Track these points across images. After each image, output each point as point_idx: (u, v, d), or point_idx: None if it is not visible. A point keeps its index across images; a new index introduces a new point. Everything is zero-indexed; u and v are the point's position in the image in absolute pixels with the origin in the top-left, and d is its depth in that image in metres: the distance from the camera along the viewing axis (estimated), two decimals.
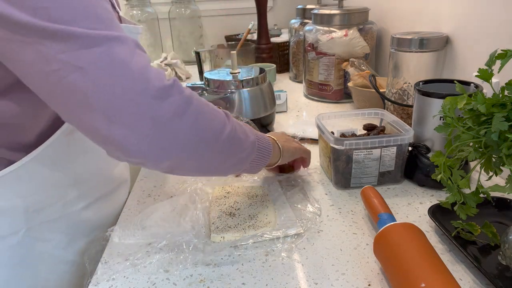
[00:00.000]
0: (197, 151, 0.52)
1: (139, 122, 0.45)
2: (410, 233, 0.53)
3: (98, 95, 0.44)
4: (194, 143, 0.51)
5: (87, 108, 0.45)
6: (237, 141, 0.57)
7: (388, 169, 0.75)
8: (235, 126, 0.57)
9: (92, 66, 0.43)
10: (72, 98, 0.45)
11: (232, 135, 0.55)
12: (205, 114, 0.52)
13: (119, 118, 0.45)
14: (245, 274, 0.56)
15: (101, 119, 0.45)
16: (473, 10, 0.85)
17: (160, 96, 0.46)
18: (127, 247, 0.62)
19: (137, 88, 0.45)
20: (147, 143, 0.46)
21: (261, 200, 0.72)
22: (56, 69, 0.43)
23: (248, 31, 1.47)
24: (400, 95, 0.98)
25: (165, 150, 0.49)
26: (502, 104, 0.54)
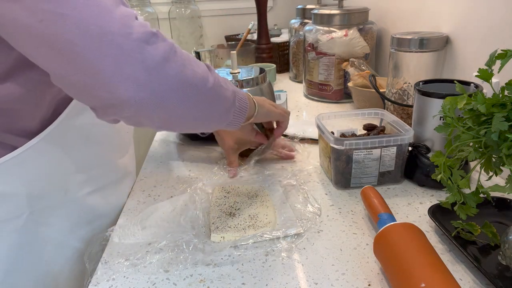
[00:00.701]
0: (187, 97, 0.52)
1: (128, 66, 0.45)
2: (410, 233, 0.53)
3: (83, 41, 0.43)
4: (184, 87, 0.51)
5: (72, 58, 0.44)
6: (221, 90, 0.57)
7: (388, 169, 0.75)
8: (217, 77, 0.57)
9: (75, 12, 0.42)
10: (56, 50, 0.44)
11: (217, 83, 0.56)
12: (190, 61, 0.52)
13: (107, 64, 0.44)
14: (245, 274, 0.56)
15: (88, 67, 0.44)
16: (473, 10, 0.85)
17: (146, 40, 0.46)
18: (127, 247, 0.62)
19: (122, 32, 0.44)
20: (138, 86, 0.46)
21: (261, 200, 0.72)
22: (40, 20, 0.42)
23: (248, 31, 1.47)
24: (400, 95, 0.98)
25: (157, 94, 0.48)
26: (502, 104, 0.54)
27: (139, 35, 0.45)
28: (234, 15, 2.09)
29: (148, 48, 0.46)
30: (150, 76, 0.46)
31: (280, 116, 0.79)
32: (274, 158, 0.90)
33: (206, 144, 0.99)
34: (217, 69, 1.07)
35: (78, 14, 0.43)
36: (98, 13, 0.43)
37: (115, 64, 0.44)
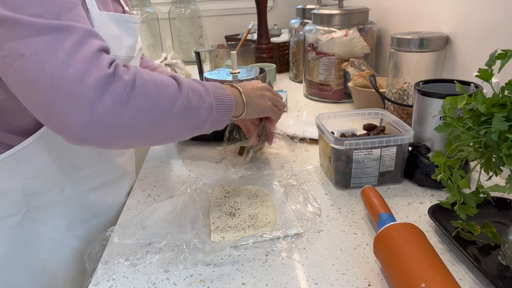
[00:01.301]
0: (147, 129, 0.54)
1: (79, 112, 0.47)
2: (410, 233, 0.53)
3: (39, 84, 0.46)
4: (141, 124, 0.52)
5: (32, 96, 0.47)
6: (191, 109, 0.58)
7: (388, 169, 0.75)
8: (188, 95, 0.57)
9: (34, 55, 0.45)
10: (20, 84, 0.47)
11: (185, 105, 0.56)
12: (150, 94, 0.52)
13: (60, 108, 0.46)
14: (245, 274, 0.56)
15: (45, 108, 0.47)
16: (473, 10, 0.85)
17: (99, 85, 0.47)
18: (127, 247, 0.62)
19: (75, 77, 0.46)
20: (89, 131, 0.48)
21: (261, 200, 0.72)
22: (4, 56, 0.46)
23: (248, 31, 1.47)
24: (400, 95, 0.98)
25: (111, 135, 0.50)
26: (502, 104, 0.54)
27: (93, 80, 0.47)
28: (234, 15, 2.09)
29: (101, 93, 0.47)
30: (101, 121, 0.48)
31: (271, 111, 0.78)
32: (271, 154, 0.90)
33: (206, 144, 0.99)
34: (217, 69, 1.07)
35: (35, 57, 0.45)
36: (53, 58, 0.46)
37: (65, 109, 0.47)
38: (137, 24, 0.72)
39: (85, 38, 0.48)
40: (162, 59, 1.71)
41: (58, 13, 0.47)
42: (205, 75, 1.01)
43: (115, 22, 0.65)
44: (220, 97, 0.64)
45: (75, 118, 0.47)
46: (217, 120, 0.64)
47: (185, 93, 0.57)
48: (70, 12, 0.49)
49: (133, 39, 0.70)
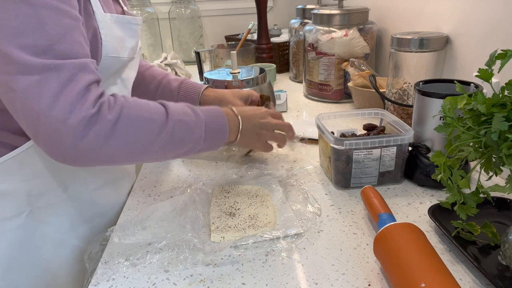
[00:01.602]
0: (127, 159, 0.59)
1: (61, 147, 0.51)
2: (410, 233, 0.53)
3: (27, 118, 0.51)
4: (121, 156, 0.57)
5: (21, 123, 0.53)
6: (175, 142, 0.60)
7: (388, 169, 0.75)
8: (173, 129, 0.59)
9: (24, 91, 0.49)
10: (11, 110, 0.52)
11: (167, 139, 0.59)
12: (132, 131, 0.56)
13: (44, 141, 0.52)
14: (245, 274, 0.56)
15: (32, 136, 0.53)
16: (473, 10, 0.85)
17: (82, 125, 0.51)
18: (127, 247, 0.62)
19: (59, 118, 0.50)
20: (70, 160, 0.54)
21: (261, 200, 0.72)
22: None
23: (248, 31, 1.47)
24: (400, 95, 0.98)
25: (91, 163, 0.56)
26: (502, 104, 0.54)
27: (76, 121, 0.50)
28: (234, 15, 2.09)
29: (84, 132, 0.51)
30: (81, 155, 0.53)
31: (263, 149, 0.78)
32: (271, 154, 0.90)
33: None
34: (217, 69, 1.07)
35: (25, 94, 0.49)
36: (40, 98, 0.49)
37: (49, 142, 0.52)
38: (138, 25, 0.73)
39: (73, 76, 0.51)
40: (162, 59, 1.71)
41: (50, 45, 0.50)
42: (205, 75, 1.01)
43: (118, 23, 0.66)
44: (212, 128, 0.65)
45: (57, 151, 0.52)
46: (206, 148, 0.66)
47: (170, 127, 0.59)
48: (63, 41, 0.51)
49: (135, 40, 0.71)
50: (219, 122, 0.67)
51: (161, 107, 0.60)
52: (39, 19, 0.49)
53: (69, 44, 0.52)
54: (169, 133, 0.59)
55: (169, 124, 0.59)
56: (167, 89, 0.88)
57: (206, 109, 0.66)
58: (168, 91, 0.87)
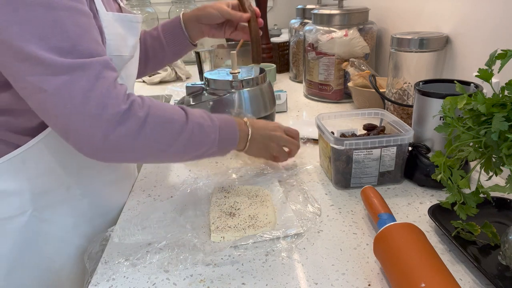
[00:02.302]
0: (150, 157, 0.62)
1: (93, 140, 0.54)
2: (410, 233, 0.53)
3: (58, 117, 0.53)
4: (146, 153, 0.60)
5: (50, 121, 0.55)
6: (193, 144, 0.64)
7: (388, 169, 0.75)
8: (193, 129, 0.63)
9: (55, 91, 0.51)
10: (40, 111, 0.54)
11: (187, 138, 0.62)
12: (159, 129, 0.59)
13: (75, 136, 0.54)
14: (245, 274, 0.56)
15: (62, 132, 0.55)
16: (474, 10, 0.85)
17: (115, 120, 0.54)
18: (127, 247, 0.62)
19: (92, 114, 0.52)
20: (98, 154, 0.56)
21: (261, 200, 0.72)
22: (23, 87, 0.52)
23: None
24: (400, 95, 0.98)
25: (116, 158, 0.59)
26: (502, 104, 0.54)
27: (110, 116, 0.53)
28: None
29: (115, 127, 0.54)
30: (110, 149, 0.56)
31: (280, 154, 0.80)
32: None
33: None
34: (217, 69, 1.07)
35: (55, 93, 0.51)
36: (72, 97, 0.51)
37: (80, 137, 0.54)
38: (139, 23, 0.73)
39: (100, 73, 0.53)
40: None
41: (74, 45, 0.52)
42: (205, 75, 1.01)
43: (120, 22, 0.66)
44: (225, 134, 0.68)
45: (88, 145, 0.55)
46: (217, 152, 0.69)
47: (190, 128, 0.62)
48: (84, 40, 0.53)
49: (136, 39, 0.71)
50: (231, 129, 0.70)
51: (180, 110, 0.63)
52: (60, 21, 0.51)
53: (89, 43, 0.54)
54: (189, 134, 0.62)
55: (189, 125, 0.62)
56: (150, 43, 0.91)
57: (220, 116, 0.69)
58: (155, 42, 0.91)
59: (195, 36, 0.92)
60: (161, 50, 0.92)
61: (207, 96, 0.98)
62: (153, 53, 0.92)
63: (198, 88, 1.03)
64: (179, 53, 0.95)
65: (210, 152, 0.67)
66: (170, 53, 0.93)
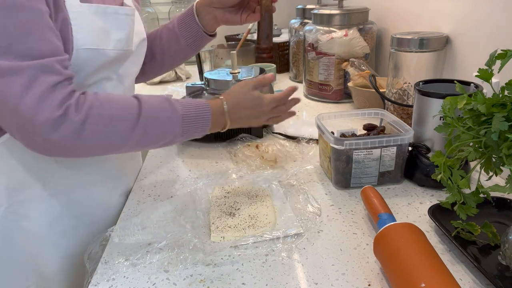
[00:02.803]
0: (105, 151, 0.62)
1: (33, 141, 0.55)
2: (410, 233, 0.53)
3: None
4: (98, 150, 0.60)
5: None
6: (150, 137, 0.62)
7: (388, 169, 0.75)
8: (147, 125, 0.60)
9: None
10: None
11: (141, 133, 0.60)
12: (103, 128, 0.57)
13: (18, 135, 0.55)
14: (245, 274, 0.56)
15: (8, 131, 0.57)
16: (473, 10, 0.85)
17: (48, 126, 0.53)
18: (127, 247, 0.62)
19: (27, 117, 0.52)
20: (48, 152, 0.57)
21: (261, 200, 0.72)
22: None
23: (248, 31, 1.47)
24: (400, 95, 0.98)
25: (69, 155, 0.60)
26: (502, 104, 0.54)
27: (42, 121, 0.52)
28: None
29: (51, 132, 0.53)
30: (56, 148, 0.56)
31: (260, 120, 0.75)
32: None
33: (206, 143, 0.99)
34: (217, 69, 1.07)
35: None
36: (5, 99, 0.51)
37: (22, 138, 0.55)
38: (129, 15, 0.69)
39: (35, 78, 0.52)
40: None
41: (10, 46, 0.50)
42: (205, 75, 1.01)
43: (101, 14, 0.63)
44: (191, 122, 0.65)
45: (31, 145, 0.56)
46: (186, 139, 0.67)
47: (142, 124, 0.60)
48: (24, 40, 0.51)
49: (123, 32, 0.67)
50: (200, 116, 0.66)
51: (134, 105, 0.60)
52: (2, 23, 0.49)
53: (31, 43, 0.52)
54: (141, 130, 0.60)
55: (141, 121, 0.60)
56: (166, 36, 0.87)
57: (187, 103, 0.66)
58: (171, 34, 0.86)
59: (209, 24, 0.85)
60: (176, 42, 0.86)
61: (207, 96, 0.98)
62: (168, 46, 0.87)
63: (198, 88, 1.03)
64: (194, 45, 0.87)
65: (176, 141, 0.66)
66: (185, 45, 0.86)
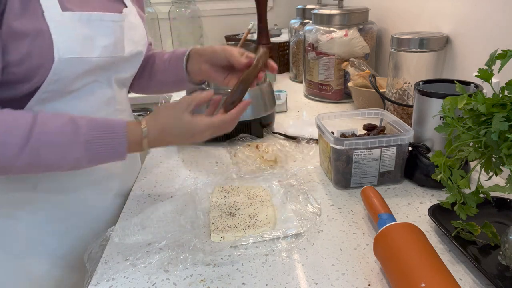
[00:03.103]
0: None
1: None
2: (410, 233, 0.53)
3: None
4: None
5: None
6: (43, 163, 0.57)
7: (388, 169, 0.75)
8: (40, 149, 0.55)
9: None
10: None
11: (27, 162, 0.55)
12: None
13: None
14: (245, 274, 0.56)
15: None
16: (473, 10, 0.85)
17: None
18: (127, 247, 0.62)
19: None
20: None
21: (261, 200, 0.72)
22: None
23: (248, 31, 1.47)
24: (400, 95, 0.98)
25: None
26: (502, 104, 0.54)
27: None
28: (234, 15, 2.09)
29: None
30: None
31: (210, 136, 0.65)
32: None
33: (206, 143, 0.99)
34: None
35: None
36: None
37: None
38: (116, 22, 0.67)
39: None
40: None
41: None
42: None
43: (85, 21, 0.62)
44: (98, 147, 0.59)
45: None
46: (97, 162, 0.62)
47: (27, 151, 0.54)
48: None
49: (110, 39, 0.65)
50: (110, 143, 0.59)
51: (24, 128, 0.55)
52: None
53: None
54: (27, 156, 0.55)
55: (28, 148, 0.54)
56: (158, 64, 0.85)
57: (98, 125, 0.59)
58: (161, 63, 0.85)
59: (193, 72, 0.80)
60: (163, 74, 0.84)
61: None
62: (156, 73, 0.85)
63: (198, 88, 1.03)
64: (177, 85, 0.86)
65: (83, 166, 0.60)
66: (170, 81, 0.84)
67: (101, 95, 0.69)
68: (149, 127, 0.62)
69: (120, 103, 0.74)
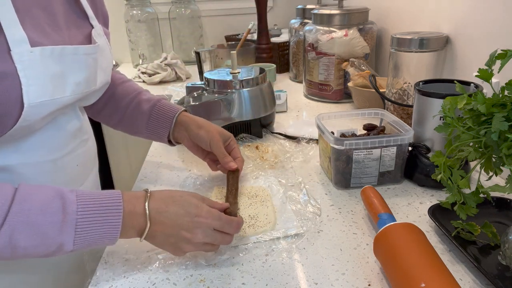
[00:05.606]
0: None
1: None
2: (410, 233, 0.53)
3: None
4: None
5: None
6: (20, 247, 0.48)
7: (388, 169, 0.75)
8: (13, 230, 0.47)
9: None
10: None
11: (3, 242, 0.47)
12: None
13: None
14: (245, 274, 0.56)
15: None
16: (473, 10, 0.85)
17: None
18: (127, 247, 0.62)
19: None
20: None
21: (261, 200, 0.72)
22: None
23: (248, 31, 1.47)
24: (400, 95, 0.98)
25: None
26: (502, 104, 0.54)
27: None
28: (234, 15, 2.09)
29: None
30: None
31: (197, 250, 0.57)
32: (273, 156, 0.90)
33: None
34: (217, 69, 1.07)
35: None
36: None
37: None
38: (89, 55, 0.61)
39: None
40: (162, 59, 1.71)
41: None
42: (205, 75, 1.01)
43: (57, 57, 0.55)
44: (90, 229, 0.50)
45: None
46: (85, 246, 0.52)
47: (4, 233, 0.46)
48: None
49: (83, 74, 0.60)
50: (105, 221, 0.51)
51: (5, 204, 0.47)
52: None
53: None
54: (3, 239, 0.46)
55: (3, 230, 0.46)
56: (136, 111, 0.80)
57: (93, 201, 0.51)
58: (139, 113, 0.80)
59: (176, 137, 0.80)
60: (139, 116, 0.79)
61: (207, 96, 0.98)
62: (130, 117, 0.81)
63: (198, 88, 1.03)
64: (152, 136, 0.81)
65: (65, 251, 0.50)
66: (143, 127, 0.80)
67: (69, 127, 0.64)
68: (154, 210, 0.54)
69: (86, 132, 0.71)
